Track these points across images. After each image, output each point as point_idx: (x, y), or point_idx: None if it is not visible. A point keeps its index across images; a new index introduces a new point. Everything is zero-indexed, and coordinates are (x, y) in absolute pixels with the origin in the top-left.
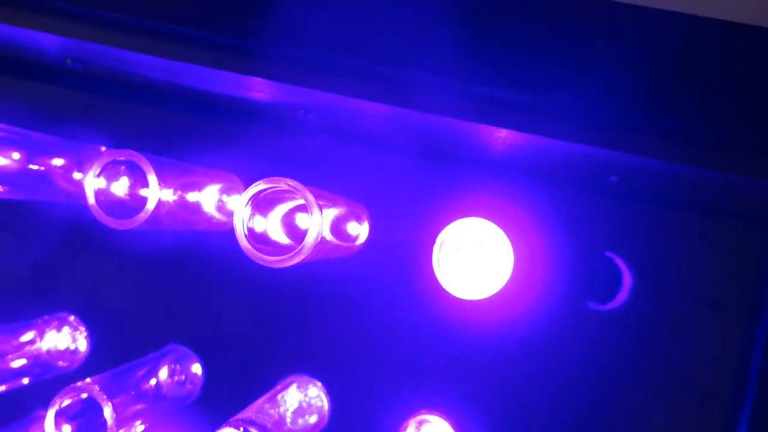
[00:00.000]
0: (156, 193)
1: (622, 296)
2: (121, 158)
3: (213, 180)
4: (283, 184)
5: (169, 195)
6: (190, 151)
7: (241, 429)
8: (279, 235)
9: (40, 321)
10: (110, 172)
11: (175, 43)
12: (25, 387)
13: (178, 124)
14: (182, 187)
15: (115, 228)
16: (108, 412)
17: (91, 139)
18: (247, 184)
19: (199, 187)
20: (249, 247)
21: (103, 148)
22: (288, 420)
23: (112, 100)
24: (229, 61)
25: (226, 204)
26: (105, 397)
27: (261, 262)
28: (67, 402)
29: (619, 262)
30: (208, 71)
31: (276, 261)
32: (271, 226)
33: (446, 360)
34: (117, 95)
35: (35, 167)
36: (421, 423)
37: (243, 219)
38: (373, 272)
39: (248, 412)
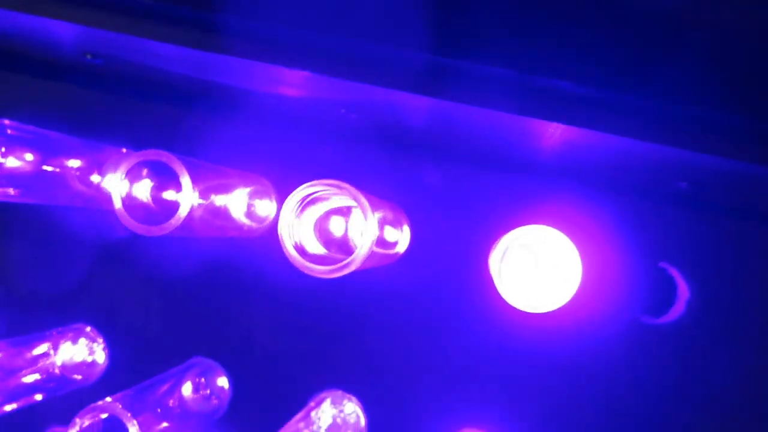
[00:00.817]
0: (189, 198)
1: (678, 309)
2: (151, 158)
3: (243, 183)
4: (335, 187)
5: (198, 199)
6: (215, 155)
7: None
8: (314, 244)
9: (54, 332)
10: (134, 174)
11: (202, 31)
12: (38, 403)
13: (204, 126)
14: (213, 189)
15: (143, 235)
16: (134, 431)
17: (110, 141)
18: (279, 189)
19: (228, 190)
20: (298, 257)
21: (124, 150)
22: None
23: (132, 99)
24: (261, 51)
25: (256, 210)
26: (129, 415)
27: (311, 274)
28: (87, 422)
29: (675, 274)
30: (238, 63)
31: (327, 271)
32: (306, 233)
33: (492, 374)
34: (137, 94)
35: (50, 168)
36: None
37: (289, 226)
38: (413, 282)
39: None
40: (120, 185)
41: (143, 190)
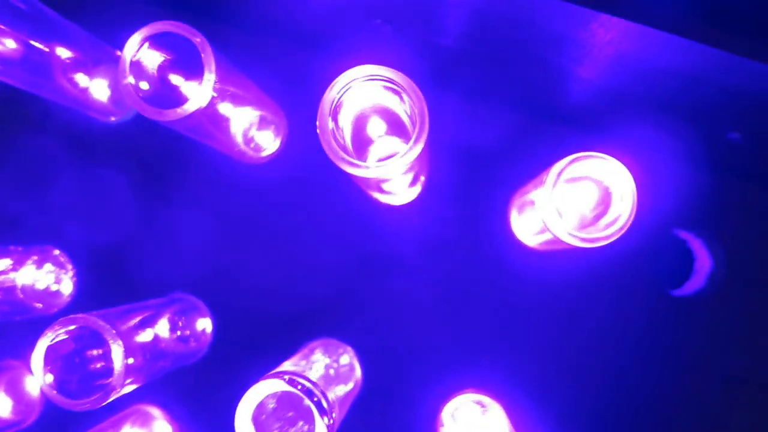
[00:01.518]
0: (208, 89)
1: (698, 282)
2: (179, 32)
3: (258, 104)
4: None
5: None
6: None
7: (287, 378)
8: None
9: (20, 249)
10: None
11: None
12: None
13: (221, 35)
14: (226, 95)
15: (148, 117)
16: (118, 352)
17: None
18: (291, 117)
19: (240, 102)
20: (332, 142)
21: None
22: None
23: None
24: None
25: (256, 138)
26: (114, 332)
27: (334, 158)
28: (62, 336)
29: (697, 246)
30: None
31: (351, 164)
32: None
33: (498, 336)
34: None
35: (39, 46)
36: (470, 402)
37: (330, 103)
38: (425, 229)
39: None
40: (132, 53)
41: (155, 68)
